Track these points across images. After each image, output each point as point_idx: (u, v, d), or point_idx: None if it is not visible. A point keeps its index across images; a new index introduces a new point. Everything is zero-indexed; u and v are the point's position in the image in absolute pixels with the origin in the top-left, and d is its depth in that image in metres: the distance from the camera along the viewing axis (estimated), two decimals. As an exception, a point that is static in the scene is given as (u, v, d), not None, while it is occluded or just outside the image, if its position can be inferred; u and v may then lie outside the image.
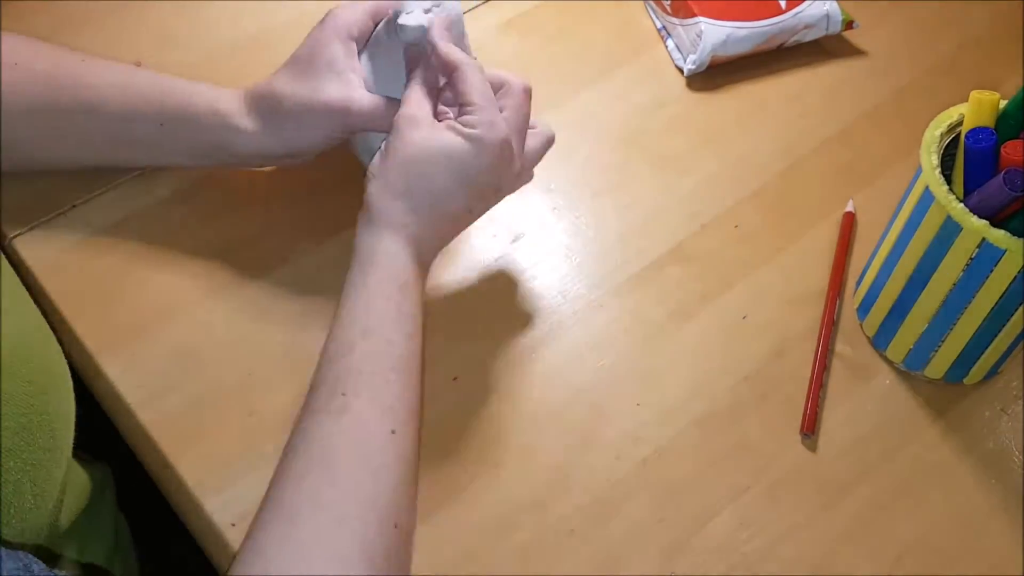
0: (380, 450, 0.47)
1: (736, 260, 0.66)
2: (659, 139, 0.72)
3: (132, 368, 0.58)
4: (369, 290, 0.52)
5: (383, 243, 0.53)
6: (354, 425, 0.47)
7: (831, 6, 0.76)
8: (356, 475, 0.46)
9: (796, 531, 0.55)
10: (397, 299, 0.52)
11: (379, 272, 0.52)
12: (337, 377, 0.49)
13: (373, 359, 0.50)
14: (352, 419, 0.48)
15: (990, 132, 0.53)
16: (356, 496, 0.46)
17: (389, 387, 0.49)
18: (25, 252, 0.62)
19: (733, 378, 0.61)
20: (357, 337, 0.50)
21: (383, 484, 0.47)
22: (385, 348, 0.50)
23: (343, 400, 0.48)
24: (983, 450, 0.59)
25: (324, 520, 0.44)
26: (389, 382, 0.49)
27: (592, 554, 0.54)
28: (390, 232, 0.53)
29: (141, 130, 0.59)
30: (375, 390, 0.49)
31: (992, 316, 0.55)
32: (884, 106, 0.75)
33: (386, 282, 0.52)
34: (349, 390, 0.48)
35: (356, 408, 0.48)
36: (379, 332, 0.50)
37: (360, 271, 0.52)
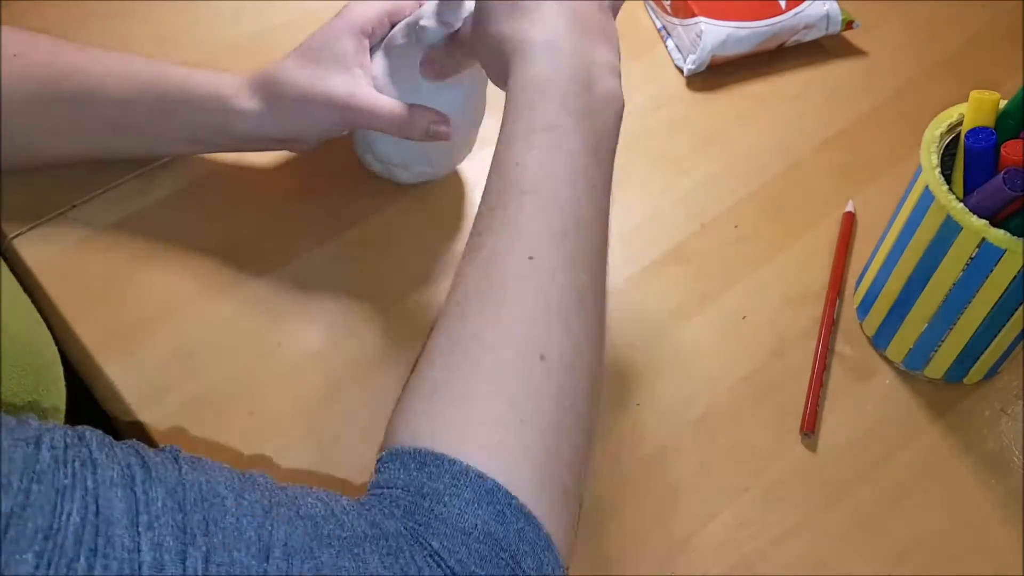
0: (514, 278, 0.43)
1: (736, 260, 0.66)
2: (659, 139, 0.72)
3: (132, 368, 0.58)
4: (503, 125, 0.47)
5: (515, 72, 0.48)
6: (487, 261, 0.44)
7: (831, 6, 0.76)
8: (486, 309, 0.42)
9: (796, 531, 0.55)
10: (527, 116, 0.46)
11: (509, 105, 0.47)
12: (477, 217, 0.46)
13: (501, 189, 0.45)
14: (485, 255, 0.44)
15: (990, 132, 0.53)
16: (488, 330, 0.42)
17: (521, 212, 0.44)
18: (25, 252, 0.62)
19: (733, 378, 0.61)
20: (491, 175, 0.46)
21: (517, 314, 0.42)
22: (512, 172, 0.45)
23: (478, 239, 0.45)
24: (983, 450, 0.59)
25: (455, 360, 0.42)
26: (521, 206, 0.44)
27: (592, 554, 0.54)
28: (518, 54, 0.48)
29: (141, 115, 0.59)
30: (504, 220, 0.44)
31: (992, 316, 0.55)
32: (884, 106, 0.75)
33: (513, 110, 0.47)
34: (484, 228, 0.45)
35: (489, 244, 0.44)
36: (506, 158, 0.46)
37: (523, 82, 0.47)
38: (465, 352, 0.42)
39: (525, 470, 0.39)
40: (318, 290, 0.62)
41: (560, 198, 0.45)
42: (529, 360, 0.41)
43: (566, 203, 0.45)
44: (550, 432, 0.41)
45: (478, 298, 0.43)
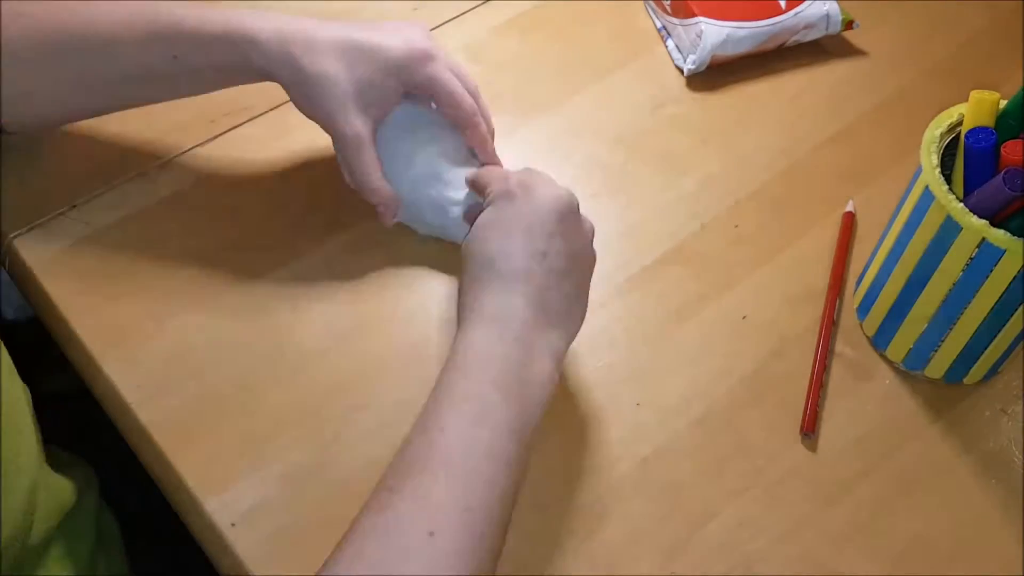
0: (412, 553, 0.43)
1: (736, 260, 0.66)
2: (659, 139, 0.72)
3: (132, 368, 0.58)
4: (440, 378, 0.49)
5: (462, 331, 0.51)
6: (388, 526, 0.44)
7: (831, 6, 0.76)
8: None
9: (796, 531, 0.55)
10: (462, 383, 0.49)
11: (449, 362, 0.50)
12: (392, 469, 0.47)
13: (420, 451, 0.46)
14: (389, 519, 0.44)
15: (990, 132, 0.53)
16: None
17: (435, 483, 0.45)
18: (25, 252, 0.62)
19: (733, 378, 0.61)
20: (416, 429, 0.48)
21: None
22: (435, 436, 0.47)
23: (387, 497, 0.45)
24: (983, 450, 0.59)
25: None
26: (436, 477, 0.45)
27: (592, 554, 0.54)
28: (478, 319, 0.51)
29: (155, 65, 0.59)
30: (415, 487, 0.45)
31: (992, 316, 0.55)
32: (884, 106, 0.75)
33: (451, 368, 0.49)
34: (395, 486, 0.45)
35: (395, 506, 0.45)
36: (433, 418, 0.48)
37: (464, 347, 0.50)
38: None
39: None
40: (318, 290, 0.62)
41: (475, 475, 0.46)
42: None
43: (480, 481, 0.46)
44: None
45: (371, 564, 0.43)
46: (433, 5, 0.78)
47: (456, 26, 0.77)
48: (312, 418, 0.57)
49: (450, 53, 0.63)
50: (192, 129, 0.69)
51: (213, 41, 0.58)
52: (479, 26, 0.77)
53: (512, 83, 0.70)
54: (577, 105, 0.73)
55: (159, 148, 0.68)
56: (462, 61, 0.67)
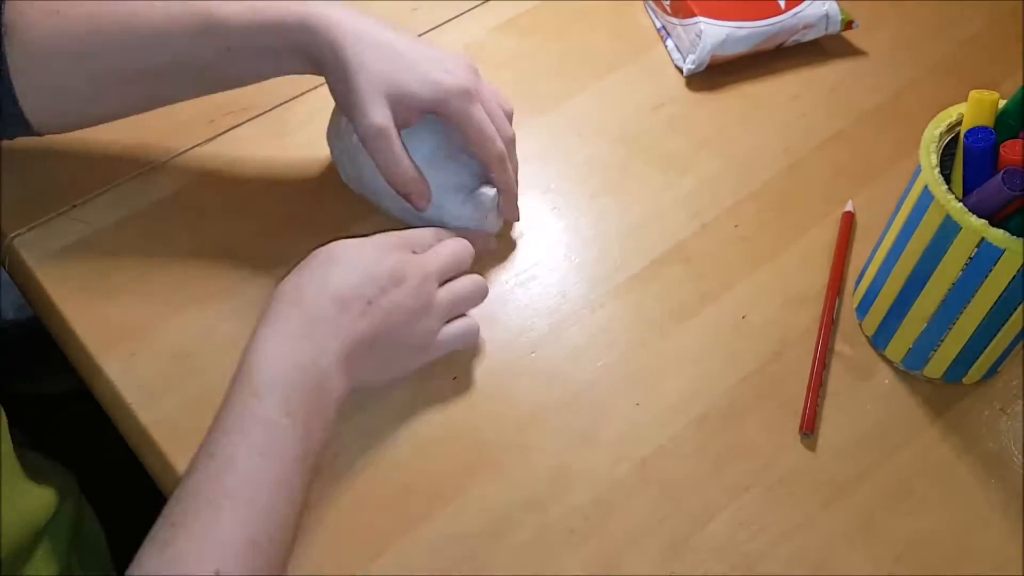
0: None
1: (736, 260, 0.66)
2: (659, 139, 0.72)
3: (132, 368, 0.58)
4: (228, 394, 0.49)
5: (253, 347, 0.50)
6: (170, 563, 0.43)
7: (830, 6, 0.76)
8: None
9: (796, 531, 0.55)
10: (252, 405, 0.48)
11: (236, 381, 0.49)
12: (176, 500, 0.45)
13: (205, 483, 0.46)
14: (171, 555, 0.43)
15: (989, 131, 0.53)
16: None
17: (219, 517, 0.44)
18: (25, 252, 0.62)
19: (733, 378, 0.61)
20: (201, 455, 0.47)
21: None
22: (221, 465, 0.46)
23: (170, 532, 0.44)
24: (982, 450, 0.59)
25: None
26: (220, 510, 0.44)
27: (592, 554, 0.54)
28: (265, 325, 0.51)
29: (206, 58, 0.58)
30: (199, 522, 0.44)
31: (991, 315, 0.55)
32: (884, 106, 0.75)
33: (239, 389, 0.49)
34: (178, 521, 0.44)
35: (179, 543, 0.44)
36: (220, 443, 0.47)
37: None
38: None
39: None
40: (318, 290, 0.62)
41: (261, 507, 0.46)
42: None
43: (266, 512, 0.46)
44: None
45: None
46: (433, 5, 0.78)
47: (456, 26, 0.77)
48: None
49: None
50: (192, 129, 0.69)
51: (265, 29, 0.57)
52: (479, 26, 0.77)
53: (512, 83, 0.70)
54: (577, 105, 0.73)
55: (159, 148, 0.68)
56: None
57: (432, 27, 0.77)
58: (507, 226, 0.66)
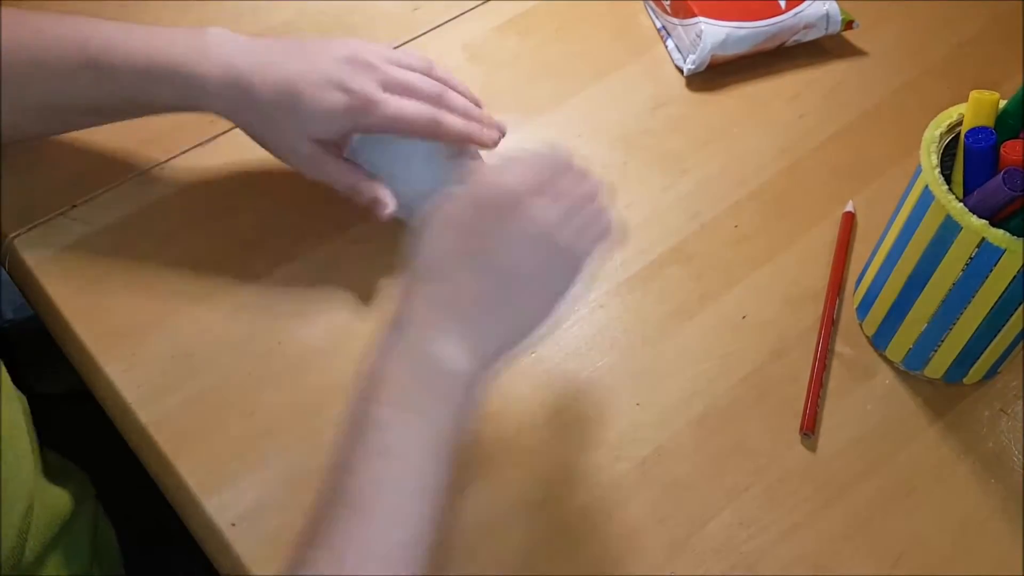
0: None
1: (736, 260, 0.66)
2: (659, 139, 0.72)
3: (132, 368, 0.58)
4: (352, 404, 0.46)
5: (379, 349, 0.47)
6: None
7: (831, 6, 0.76)
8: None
9: (796, 531, 0.55)
10: (373, 412, 0.45)
11: (359, 385, 0.46)
12: (308, 519, 0.44)
13: (334, 502, 0.44)
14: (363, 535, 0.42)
15: (990, 132, 0.53)
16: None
17: (352, 534, 0.43)
18: (25, 252, 0.62)
19: (733, 378, 0.61)
20: (329, 476, 0.45)
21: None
22: (347, 482, 0.44)
23: (307, 552, 0.43)
24: (982, 450, 0.59)
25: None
26: (351, 527, 0.43)
27: (592, 554, 0.54)
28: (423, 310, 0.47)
29: (163, 89, 0.58)
30: (336, 540, 0.43)
31: (991, 316, 0.55)
32: (884, 106, 0.75)
33: (361, 395, 0.46)
34: (313, 539, 0.43)
35: (316, 562, 0.42)
36: (346, 461, 0.45)
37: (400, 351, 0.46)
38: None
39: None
40: (318, 290, 0.62)
41: (390, 514, 0.43)
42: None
43: (397, 519, 0.44)
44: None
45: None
46: (433, 5, 0.78)
47: (456, 26, 0.77)
48: (312, 418, 0.57)
49: (445, 55, 0.62)
50: (192, 129, 0.69)
51: (159, 79, 0.57)
52: (479, 26, 0.77)
53: (512, 83, 0.70)
54: (577, 105, 0.73)
55: (159, 148, 0.68)
56: (452, 59, 0.67)
57: (432, 27, 0.77)
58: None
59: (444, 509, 0.46)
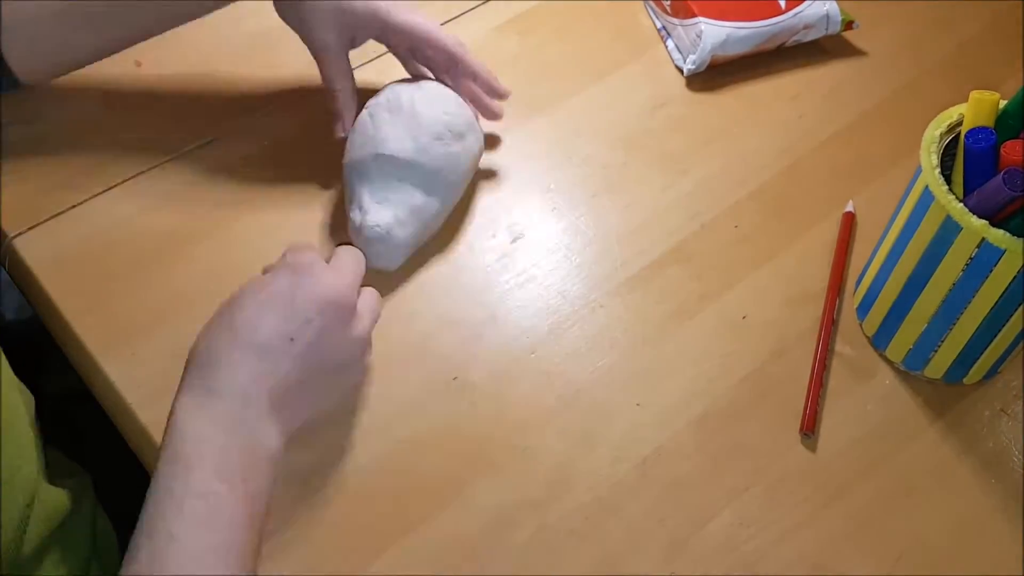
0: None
1: (736, 260, 0.66)
2: (659, 139, 0.72)
3: (132, 368, 0.58)
4: (158, 469, 0.46)
5: (179, 406, 0.48)
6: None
7: (831, 6, 0.76)
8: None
9: (796, 531, 0.55)
10: (183, 478, 0.46)
11: (165, 450, 0.47)
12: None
13: (155, 564, 0.44)
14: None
15: (990, 132, 0.53)
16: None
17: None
18: (25, 252, 0.62)
19: (733, 378, 0.61)
20: (142, 541, 0.45)
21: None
22: (167, 548, 0.44)
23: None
24: (983, 450, 0.59)
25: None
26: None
27: (592, 554, 0.54)
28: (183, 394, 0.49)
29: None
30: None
31: (992, 316, 0.55)
32: (884, 106, 0.75)
33: (169, 460, 0.46)
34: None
35: None
36: (159, 525, 0.45)
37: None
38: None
39: None
40: (318, 290, 0.62)
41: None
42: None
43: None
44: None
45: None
46: (433, 5, 0.78)
47: (456, 26, 0.77)
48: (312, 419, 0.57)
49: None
50: (192, 129, 0.69)
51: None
52: (479, 26, 0.77)
53: (512, 83, 0.70)
54: (577, 105, 0.73)
55: (159, 148, 0.68)
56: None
57: (432, 27, 0.77)
58: (508, 230, 0.66)
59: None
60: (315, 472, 0.55)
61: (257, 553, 0.47)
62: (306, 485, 0.55)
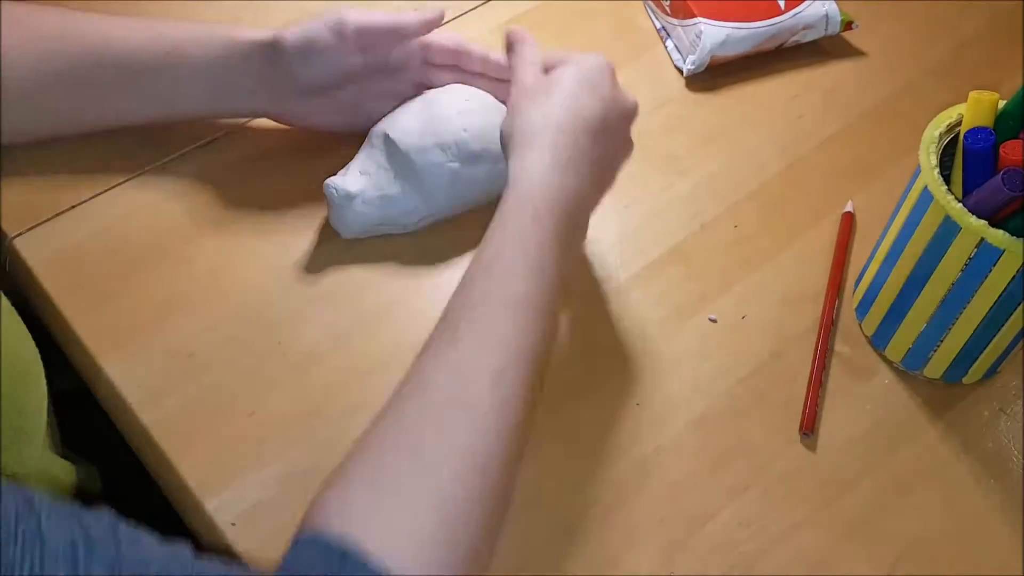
0: (479, 391, 0.45)
1: (735, 260, 0.66)
2: (659, 139, 0.72)
3: (132, 368, 0.58)
4: (503, 216, 0.50)
5: (525, 165, 0.52)
6: (457, 363, 0.46)
7: (830, 7, 0.76)
8: (448, 417, 0.44)
9: (795, 531, 0.55)
10: (530, 229, 0.50)
11: (514, 198, 0.51)
12: (452, 311, 0.48)
13: (489, 295, 0.48)
14: (457, 356, 0.46)
15: (989, 132, 0.53)
16: (443, 440, 0.43)
17: (501, 325, 0.47)
18: (25, 252, 0.62)
19: (733, 378, 0.61)
20: (479, 270, 0.49)
21: (477, 428, 0.44)
22: (502, 283, 0.48)
23: (452, 335, 0.47)
24: (982, 450, 0.59)
25: (404, 461, 0.42)
26: (501, 320, 0.47)
27: (592, 554, 0.54)
28: (535, 153, 0.52)
29: (154, 69, 0.61)
30: (485, 327, 0.47)
31: (991, 316, 0.55)
32: (883, 106, 0.75)
33: (518, 210, 0.50)
34: (462, 326, 0.47)
35: (462, 345, 0.46)
36: (500, 265, 0.49)
37: (503, 197, 0.51)
38: (414, 453, 0.43)
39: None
40: (318, 290, 0.62)
41: (535, 324, 0.48)
42: (471, 475, 0.43)
43: (539, 329, 0.48)
44: (478, 542, 0.42)
45: (438, 408, 0.44)
46: (433, 5, 0.78)
47: (456, 26, 0.77)
48: (312, 418, 0.57)
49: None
50: (192, 129, 0.69)
51: (203, 29, 0.61)
52: (479, 26, 0.77)
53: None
54: (577, 105, 0.73)
55: (159, 148, 0.68)
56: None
57: (432, 27, 0.77)
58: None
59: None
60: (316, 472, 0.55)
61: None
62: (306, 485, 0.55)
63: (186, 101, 0.64)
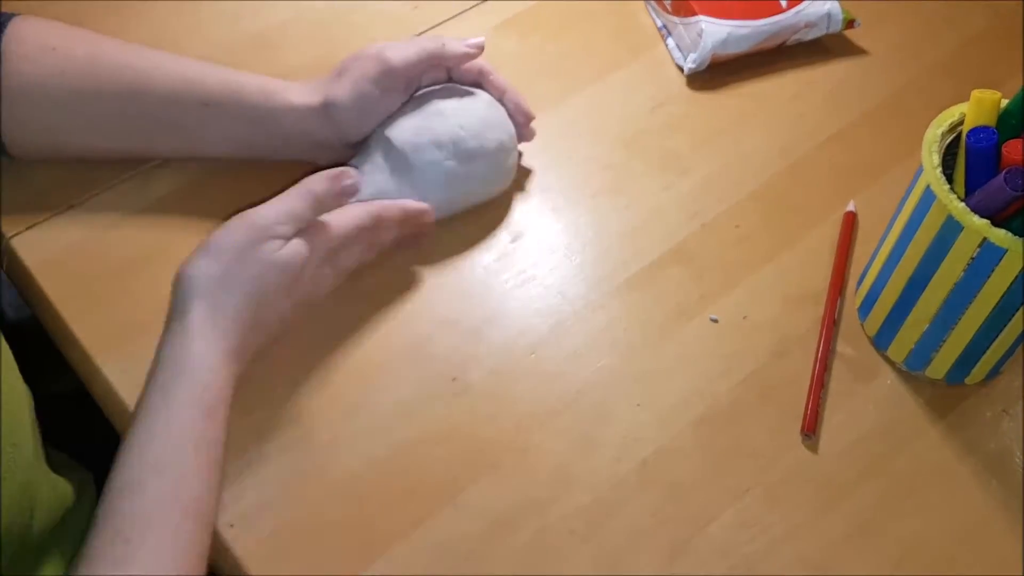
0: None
1: (736, 260, 0.66)
2: (659, 139, 0.72)
3: (132, 368, 0.58)
4: (171, 412, 0.49)
5: (195, 353, 0.50)
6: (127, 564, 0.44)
7: (832, 5, 0.76)
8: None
9: (797, 531, 0.55)
10: (201, 426, 0.48)
11: (186, 390, 0.49)
12: (123, 518, 0.46)
13: (165, 502, 0.46)
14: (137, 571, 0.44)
15: (991, 131, 0.53)
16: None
17: (180, 535, 0.46)
18: (25, 252, 0.62)
19: (734, 378, 0.61)
20: (149, 473, 0.47)
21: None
22: (179, 489, 0.47)
23: (125, 549, 0.45)
24: (984, 451, 0.59)
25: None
26: (181, 530, 0.46)
27: (592, 554, 0.54)
28: (206, 342, 0.51)
29: (185, 111, 0.60)
30: (164, 539, 0.45)
31: (993, 316, 0.55)
32: (885, 105, 0.75)
33: (192, 405, 0.49)
34: (135, 537, 0.45)
35: (140, 559, 0.45)
36: (175, 468, 0.47)
37: (164, 383, 0.49)
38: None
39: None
40: (318, 290, 0.62)
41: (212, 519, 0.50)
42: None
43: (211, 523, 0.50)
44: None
45: None
46: (432, 5, 0.78)
47: (455, 25, 0.77)
48: (311, 418, 0.57)
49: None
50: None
51: (245, 86, 0.60)
52: (478, 26, 0.77)
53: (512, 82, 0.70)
54: (577, 104, 0.73)
55: (158, 148, 0.68)
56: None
57: (431, 26, 0.76)
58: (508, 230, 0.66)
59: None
60: (315, 472, 0.55)
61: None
62: (306, 485, 0.55)
63: (224, 149, 0.64)
